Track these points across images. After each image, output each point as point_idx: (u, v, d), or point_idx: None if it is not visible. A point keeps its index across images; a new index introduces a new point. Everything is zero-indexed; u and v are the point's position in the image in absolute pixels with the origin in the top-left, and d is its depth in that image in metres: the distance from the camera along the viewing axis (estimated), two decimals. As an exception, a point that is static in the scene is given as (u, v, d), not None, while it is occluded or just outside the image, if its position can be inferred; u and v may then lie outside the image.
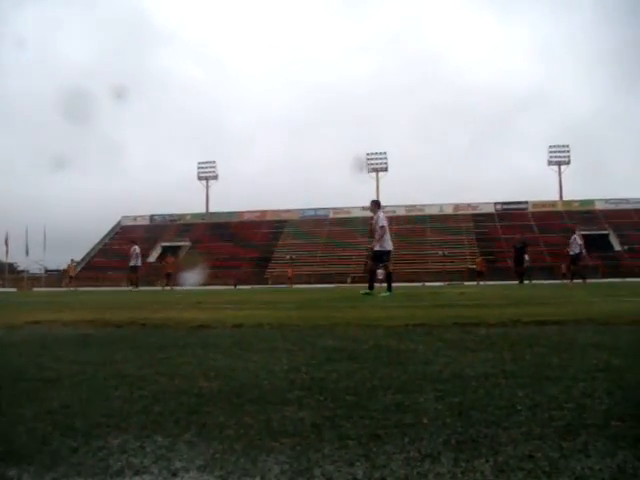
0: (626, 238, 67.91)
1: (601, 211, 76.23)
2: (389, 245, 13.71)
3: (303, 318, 5.59)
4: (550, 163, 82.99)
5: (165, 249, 72.01)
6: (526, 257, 27.41)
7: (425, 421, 1.73)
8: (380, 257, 13.86)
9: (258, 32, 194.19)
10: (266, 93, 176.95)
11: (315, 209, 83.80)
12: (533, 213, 78.26)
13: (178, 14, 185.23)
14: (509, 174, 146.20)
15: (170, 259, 35.22)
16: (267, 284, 55.33)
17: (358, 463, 1.39)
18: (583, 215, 74.22)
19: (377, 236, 13.69)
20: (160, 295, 16.76)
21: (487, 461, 1.38)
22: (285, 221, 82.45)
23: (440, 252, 65.82)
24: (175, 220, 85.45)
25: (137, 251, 28.69)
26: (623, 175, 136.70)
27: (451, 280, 47.70)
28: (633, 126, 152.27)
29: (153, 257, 73.84)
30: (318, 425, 1.72)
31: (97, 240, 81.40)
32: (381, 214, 13.94)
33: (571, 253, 24.51)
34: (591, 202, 78.55)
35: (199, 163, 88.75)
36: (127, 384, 2.39)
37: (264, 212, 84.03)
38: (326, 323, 4.93)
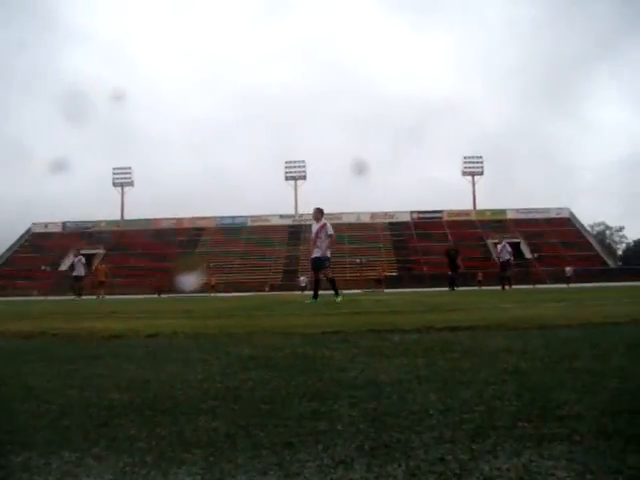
0: (536, 246, 70.53)
1: (512, 220, 78.98)
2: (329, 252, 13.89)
3: (219, 327, 5.53)
4: (464, 173, 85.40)
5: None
6: (459, 263, 28.12)
7: (339, 428, 1.73)
8: (324, 264, 13.89)
9: (175, 35, 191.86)
10: (183, 98, 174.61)
11: (233, 217, 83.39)
12: (448, 222, 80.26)
13: (90, 11, 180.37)
14: (425, 184, 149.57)
15: (101, 267, 33.78)
16: (184, 293, 54.45)
17: (271, 472, 1.38)
18: (495, 224, 76.73)
19: (328, 243, 13.81)
20: (75, 305, 16.23)
21: (399, 465, 1.39)
22: (202, 229, 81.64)
23: (357, 260, 66.53)
24: (89, 227, 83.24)
25: (83, 261, 28.51)
26: (533, 185, 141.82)
27: (368, 288, 48.23)
28: (541, 138, 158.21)
29: (65, 265, 71.62)
30: (232, 435, 1.69)
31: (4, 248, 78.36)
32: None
33: (501, 260, 25.30)
34: (503, 212, 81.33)
35: (114, 169, 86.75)
36: (34, 398, 2.29)
37: (181, 219, 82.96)
38: (242, 331, 4.89)
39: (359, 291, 37.37)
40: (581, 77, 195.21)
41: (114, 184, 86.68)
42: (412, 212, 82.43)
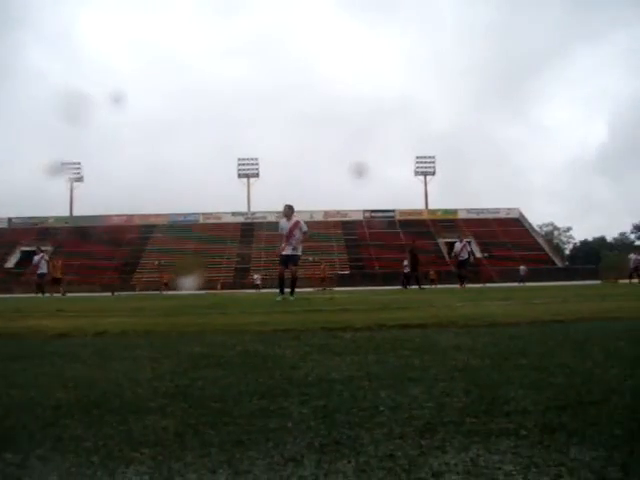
0: (486, 246, 71.64)
1: (463, 220, 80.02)
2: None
3: (170, 325, 5.48)
4: (417, 173, 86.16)
5: (25, 254, 68.22)
6: (420, 262, 28.44)
7: (289, 425, 1.73)
8: (296, 261, 14.10)
9: (125, 30, 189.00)
10: (135, 92, 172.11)
11: (185, 214, 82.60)
12: (400, 221, 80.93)
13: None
14: (378, 183, 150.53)
15: (57, 262, 32.74)
16: (134, 291, 53.71)
17: (221, 470, 1.37)
18: (446, 223, 77.68)
19: (298, 240, 14.02)
20: (22, 302, 15.86)
21: (349, 462, 1.40)
22: (153, 226, 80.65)
23: (310, 258, 66.56)
24: (36, 223, 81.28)
25: (46, 257, 28.27)
26: (484, 186, 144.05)
27: (325, 287, 48.30)
28: (492, 139, 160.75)
29: (11, 262, 70.09)
30: (181, 433, 1.68)
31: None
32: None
33: (460, 258, 25.63)
34: (454, 211, 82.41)
35: (63, 164, 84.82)
36: (-25, 398, 2.23)
37: (131, 216, 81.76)
38: (193, 330, 4.86)
39: (311, 289, 37.38)
40: (532, 79, 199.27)
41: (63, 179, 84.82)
42: (365, 211, 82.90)
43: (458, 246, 25.75)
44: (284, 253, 13.94)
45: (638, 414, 1.77)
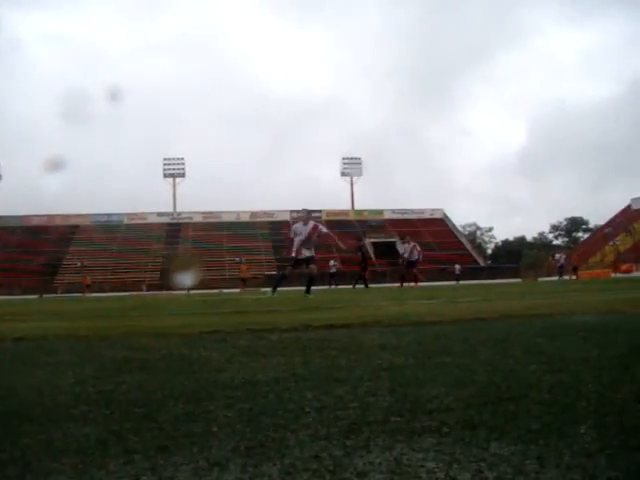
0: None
1: (389, 220, 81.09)
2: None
3: (93, 328, 5.34)
4: (343, 174, 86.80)
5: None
6: (368, 261, 28.67)
7: (215, 429, 1.71)
8: (314, 261, 14.45)
9: (48, 23, 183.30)
10: (52, 86, 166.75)
11: (108, 214, 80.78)
12: (327, 221, 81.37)
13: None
14: (305, 183, 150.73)
15: None
16: (56, 293, 52.18)
17: (144, 477, 1.35)
18: (373, 224, 78.55)
19: (313, 243, 14.35)
20: None
21: (275, 464, 1.40)
22: (76, 226, 78.52)
23: (237, 259, 66.16)
24: (-50, 224, 77.93)
25: None
26: (409, 186, 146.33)
27: (247, 286, 48.01)
28: (418, 140, 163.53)
29: None
30: (103, 440, 1.64)
31: None
32: None
33: (411, 259, 25.97)
34: (380, 212, 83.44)
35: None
36: None
37: (53, 217, 79.32)
38: (117, 333, 4.75)
39: (238, 290, 37.18)
40: (456, 81, 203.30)
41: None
42: (292, 211, 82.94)
43: (406, 247, 26.09)
44: (302, 256, 14.24)
45: (554, 408, 1.83)
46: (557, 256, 42.40)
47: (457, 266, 56.43)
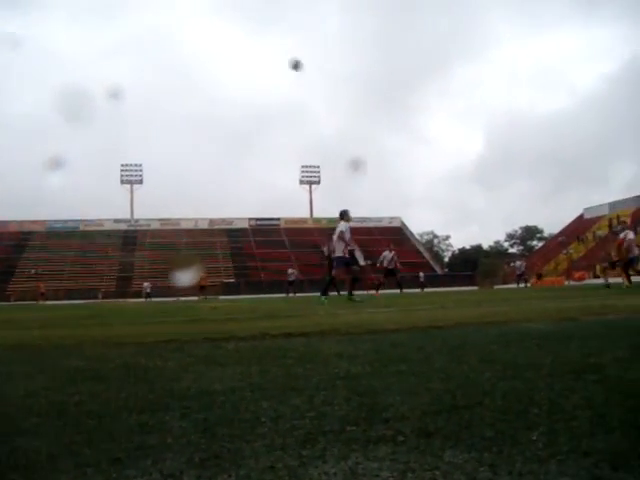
0: (368, 254, 73.14)
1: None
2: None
3: (46, 337, 5.24)
4: (302, 182, 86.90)
5: None
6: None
7: (169, 440, 1.69)
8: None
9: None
10: (8, 93, 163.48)
11: (64, 220, 79.38)
12: (285, 229, 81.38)
13: None
14: (265, 191, 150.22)
15: None
16: (9, 301, 50.99)
17: (96, 490, 1.32)
18: (331, 231, 78.66)
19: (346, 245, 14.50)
20: None
21: (229, 476, 1.39)
22: (30, 233, 76.99)
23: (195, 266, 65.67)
24: None
25: None
26: (367, 195, 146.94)
27: (206, 295, 47.68)
28: (376, 149, 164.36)
29: None
30: (54, 454, 1.60)
31: None
32: None
33: (389, 267, 26.03)
34: (338, 220, 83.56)
35: None
36: None
37: (7, 223, 77.61)
38: (71, 342, 4.67)
39: (196, 298, 36.88)
40: (414, 90, 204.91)
41: None
42: (250, 219, 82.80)
43: (389, 255, 26.15)
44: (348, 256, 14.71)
45: (507, 415, 1.85)
46: (517, 264, 43.21)
47: (421, 274, 56.89)
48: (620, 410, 1.86)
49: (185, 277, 41.41)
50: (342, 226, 14.69)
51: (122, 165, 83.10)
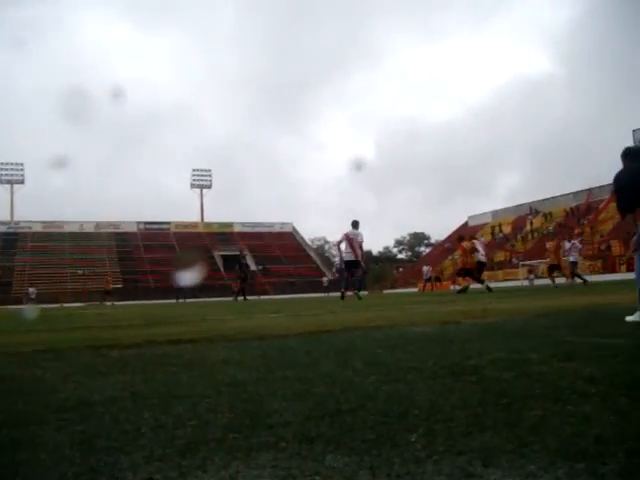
0: (260, 258, 73.10)
1: (238, 233, 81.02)
2: None
3: None
4: (193, 186, 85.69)
5: None
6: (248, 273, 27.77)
7: (42, 456, 1.61)
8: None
9: None
10: None
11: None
12: (175, 233, 80.00)
13: None
14: (154, 194, 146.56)
15: None
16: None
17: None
18: (222, 236, 78.21)
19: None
20: None
21: (105, 490, 1.34)
22: None
23: (80, 271, 63.47)
24: None
25: None
26: (260, 199, 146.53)
27: (91, 300, 46.13)
28: (268, 153, 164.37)
29: None
30: None
31: None
32: None
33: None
34: (230, 224, 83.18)
35: None
36: None
37: None
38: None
39: (82, 304, 35.63)
40: (307, 95, 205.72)
41: None
42: (139, 222, 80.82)
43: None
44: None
45: (389, 418, 1.89)
46: (424, 269, 44.73)
47: (324, 279, 57.44)
48: (494, 409, 1.94)
49: (189, 275, 39.78)
50: (362, 235, 17.12)
51: (1, 164, 79.11)
